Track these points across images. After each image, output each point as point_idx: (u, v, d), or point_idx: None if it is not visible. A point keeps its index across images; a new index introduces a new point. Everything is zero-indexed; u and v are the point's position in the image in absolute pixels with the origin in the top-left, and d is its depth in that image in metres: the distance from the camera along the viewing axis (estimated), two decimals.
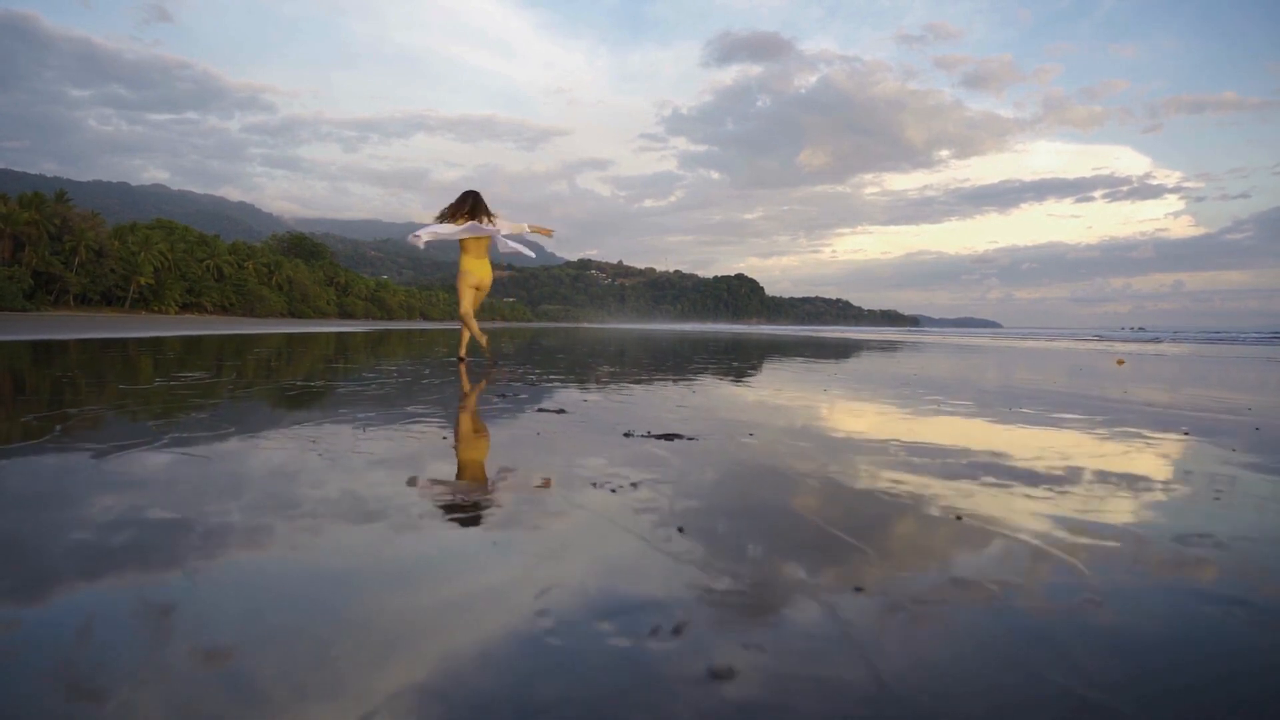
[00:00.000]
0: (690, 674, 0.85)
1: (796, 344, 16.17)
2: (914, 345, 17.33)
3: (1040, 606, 1.08)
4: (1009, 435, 2.75)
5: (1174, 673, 0.90)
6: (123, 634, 0.97)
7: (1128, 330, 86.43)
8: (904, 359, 10.20)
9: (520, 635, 0.96)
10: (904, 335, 34.85)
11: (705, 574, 1.14)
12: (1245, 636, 1.01)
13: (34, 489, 1.68)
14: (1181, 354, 14.02)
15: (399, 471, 1.87)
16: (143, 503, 1.58)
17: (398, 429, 2.53)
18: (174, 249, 68.88)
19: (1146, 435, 2.87)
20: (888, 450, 2.27)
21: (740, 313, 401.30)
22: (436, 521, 1.46)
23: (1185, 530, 1.53)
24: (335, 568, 1.22)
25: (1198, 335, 42.96)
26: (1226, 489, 1.93)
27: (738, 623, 0.99)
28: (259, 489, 1.70)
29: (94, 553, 1.25)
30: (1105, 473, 2.09)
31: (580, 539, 1.34)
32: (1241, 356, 13.41)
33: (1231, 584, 1.21)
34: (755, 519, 1.48)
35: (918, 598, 1.08)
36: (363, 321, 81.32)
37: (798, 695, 0.81)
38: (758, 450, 2.07)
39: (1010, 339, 27.29)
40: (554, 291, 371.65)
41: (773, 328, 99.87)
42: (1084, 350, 15.48)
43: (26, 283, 51.84)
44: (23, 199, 57.02)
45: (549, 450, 2.13)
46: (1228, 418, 3.53)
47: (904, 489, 1.75)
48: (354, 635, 0.96)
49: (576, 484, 1.72)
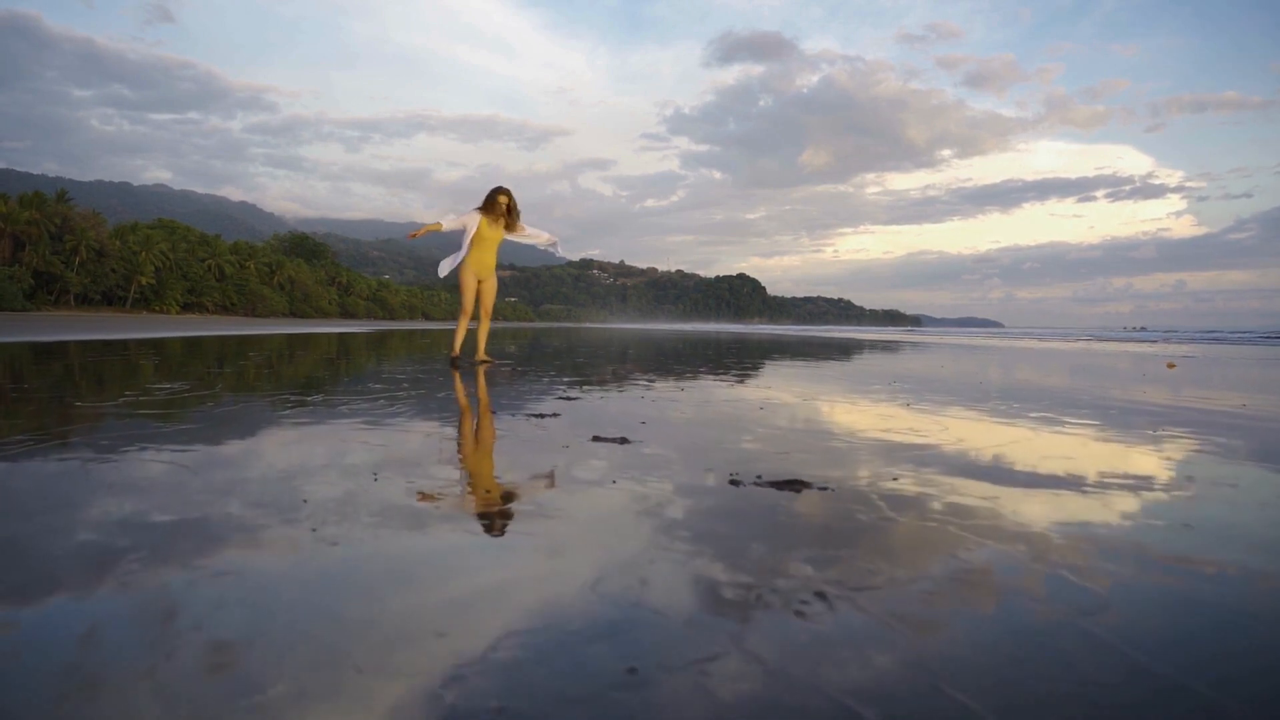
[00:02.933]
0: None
1: (826, 346, 16.07)
2: (933, 346, 17.19)
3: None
4: (1207, 469, 2.49)
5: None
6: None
7: (1129, 330, 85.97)
8: (936, 360, 10.09)
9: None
10: (912, 336, 34.70)
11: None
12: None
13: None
14: (1216, 355, 13.89)
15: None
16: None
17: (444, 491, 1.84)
18: (175, 249, 68.79)
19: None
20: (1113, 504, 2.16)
21: (742, 312, 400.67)
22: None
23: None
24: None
25: (1196, 335, 42.72)
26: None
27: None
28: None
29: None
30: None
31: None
32: (1275, 358, 13.26)
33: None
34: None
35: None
36: (364, 321, 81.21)
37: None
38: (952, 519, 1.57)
39: (1026, 340, 27.08)
40: (556, 291, 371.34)
41: (775, 328, 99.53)
42: (1117, 352, 15.36)
43: (27, 282, 51.77)
44: (23, 198, 56.97)
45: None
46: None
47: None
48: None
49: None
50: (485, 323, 6.66)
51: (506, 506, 1.70)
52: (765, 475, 2.02)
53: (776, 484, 1.93)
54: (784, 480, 1.96)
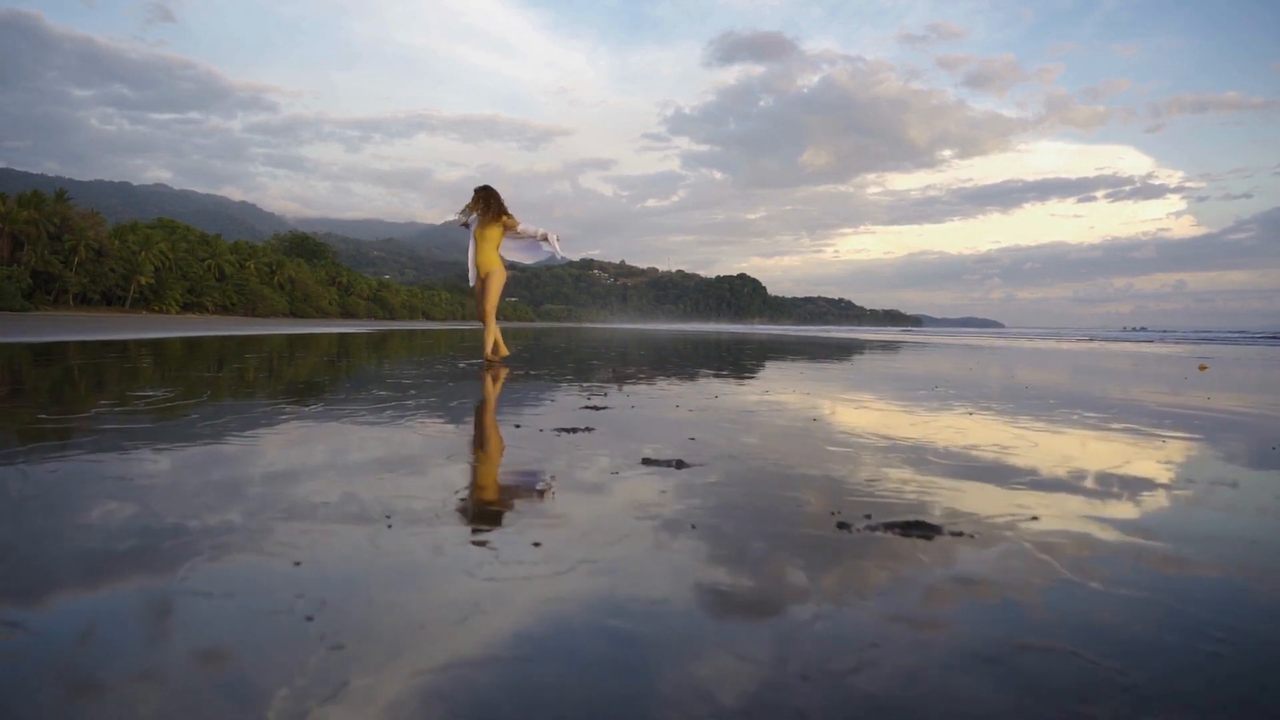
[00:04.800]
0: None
1: (835, 346, 15.69)
2: (943, 347, 16.80)
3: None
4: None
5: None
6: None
7: (1129, 330, 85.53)
8: (958, 361, 9.69)
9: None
10: (914, 336, 34.31)
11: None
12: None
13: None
14: (1237, 356, 13.47)
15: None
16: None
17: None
18: (175, 248, 68.35)
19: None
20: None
21: (742, 313, 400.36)
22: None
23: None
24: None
25: (1188, 334, 42.41)
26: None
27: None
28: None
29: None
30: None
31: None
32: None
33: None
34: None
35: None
36: (365, 321, 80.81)
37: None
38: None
39: (1031, 340, 26.71)
40: (556, 291, 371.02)
41: (776, 328, 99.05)
42: (1131, 352, 14.97)
43: (25, 282, 51.36)
44: (21, 198, 56.57)
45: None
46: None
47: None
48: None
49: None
50: (487, 322, 6.49)
51: (564, 578, 1.29)
52: (874, 515, 1.62)
53: (896, 528, 1.52)
54: (904, 523, 1.55)
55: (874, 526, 1.53)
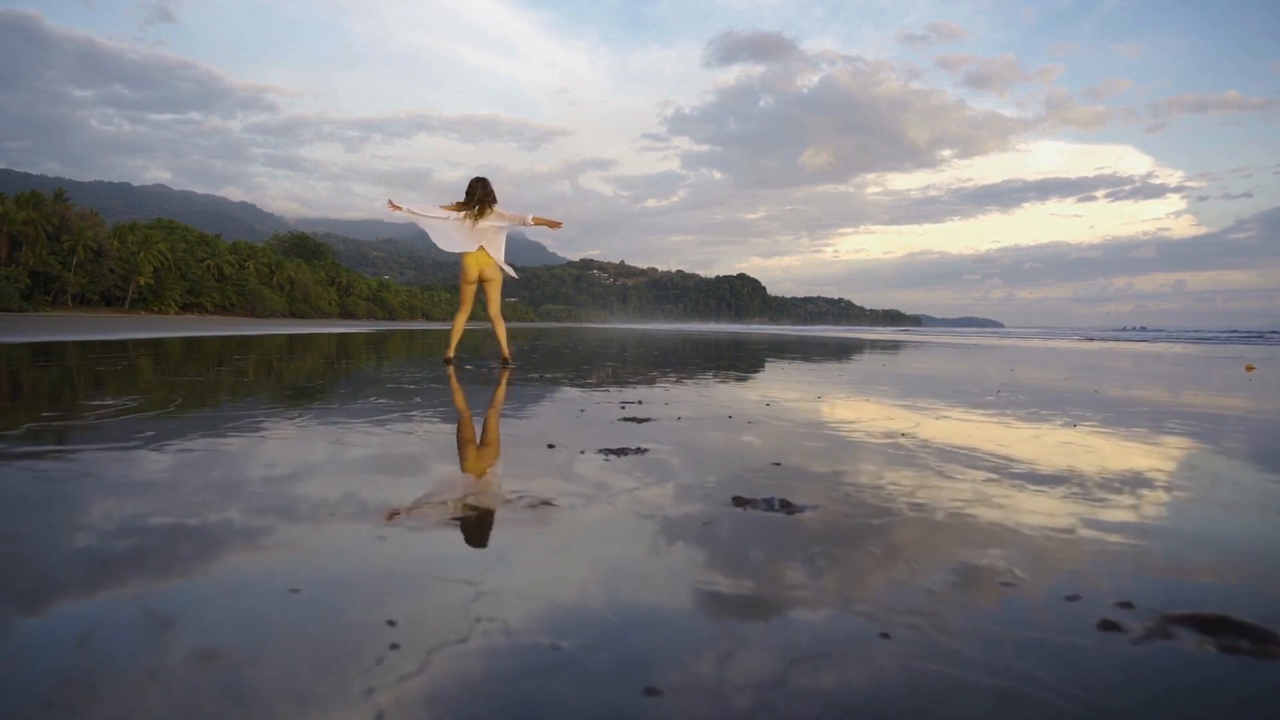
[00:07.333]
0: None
1: (844, 346, 15.17)
2: (951, 347, 16.27)
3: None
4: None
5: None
6: None
7: (1128, 330, 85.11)
8: (981, 361, 9.15)
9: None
10: (915, 335, 33.78)
11: None
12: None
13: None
14: (1272, 355, 12.92)
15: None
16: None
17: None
18: (174, 249, 67.83)
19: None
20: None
21: (742, 312, 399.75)
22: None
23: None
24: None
25: (1185, 333, 42.12)
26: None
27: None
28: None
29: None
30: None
31: None
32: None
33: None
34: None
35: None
36: (365, 322, 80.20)
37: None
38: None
39: (1036, 340, 26.17)
40: (556, 291, 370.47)
41: (776, 328, 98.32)
42: (1144, 352, 14.43)
43: (23, 282, 50.84)
44: (19, 198, 56.09)
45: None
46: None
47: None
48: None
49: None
50: (495, 322, 6.53)
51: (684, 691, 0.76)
52: (1137, 601, 1.08)
53: (1192, 625, 0.98)
54: (1202, 618, 1.01)
55: (1153, 624, 0.99)
